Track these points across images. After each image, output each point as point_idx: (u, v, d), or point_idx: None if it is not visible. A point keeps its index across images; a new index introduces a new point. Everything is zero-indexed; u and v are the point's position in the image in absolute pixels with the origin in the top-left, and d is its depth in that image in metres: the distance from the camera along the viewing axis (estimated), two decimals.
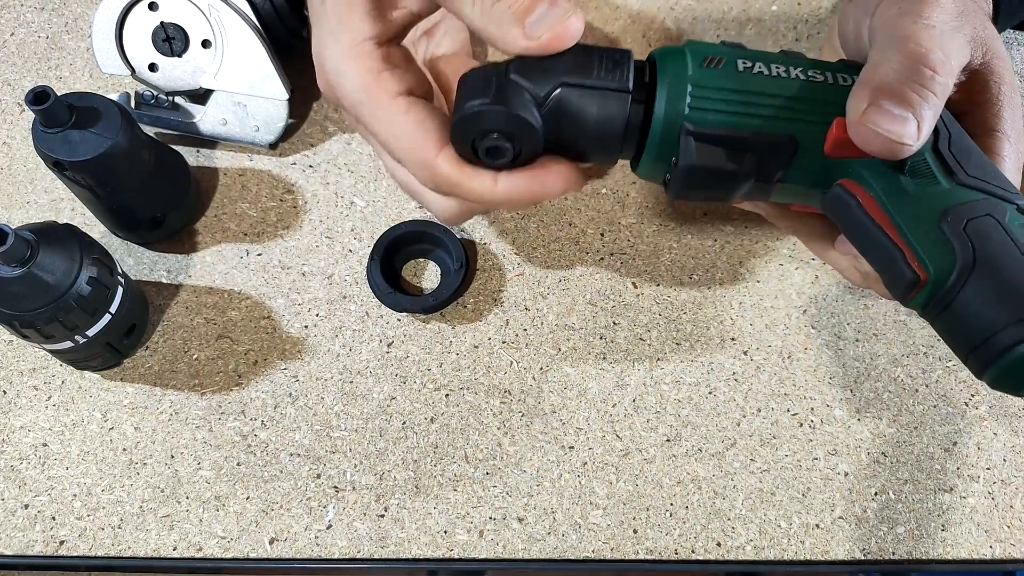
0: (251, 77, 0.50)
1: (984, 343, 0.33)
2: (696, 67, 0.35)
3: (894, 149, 0.33)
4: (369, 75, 0.35)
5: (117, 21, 0.48)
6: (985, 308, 0.33)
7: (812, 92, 0.36)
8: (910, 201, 0.35)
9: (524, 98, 0.35)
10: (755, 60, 0.36)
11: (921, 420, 0.47)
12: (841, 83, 0.36)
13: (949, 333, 0.35)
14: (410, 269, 0.51)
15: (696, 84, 0.35)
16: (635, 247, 0.51)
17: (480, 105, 0.34)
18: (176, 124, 0.52)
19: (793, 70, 0.36)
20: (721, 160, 0.36)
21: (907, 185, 0.35)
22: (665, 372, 0.47)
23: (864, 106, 0.33)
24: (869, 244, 0.37)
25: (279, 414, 0.46)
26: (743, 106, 0.35)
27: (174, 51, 0.49)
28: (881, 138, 0.33)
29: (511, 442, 0.46)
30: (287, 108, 0.51)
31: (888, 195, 0.35)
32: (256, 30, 0.49)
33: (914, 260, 0.35)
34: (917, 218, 0.35)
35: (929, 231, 0.34)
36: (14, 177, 0.53)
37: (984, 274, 0.33)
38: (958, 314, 0.34)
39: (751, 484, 0.45)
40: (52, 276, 0.40)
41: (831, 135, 0.35)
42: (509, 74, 0.35)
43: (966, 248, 0.33)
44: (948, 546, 0.44)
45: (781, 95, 0.35)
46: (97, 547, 0.43)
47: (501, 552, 0.43)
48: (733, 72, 0.35)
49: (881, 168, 0.35)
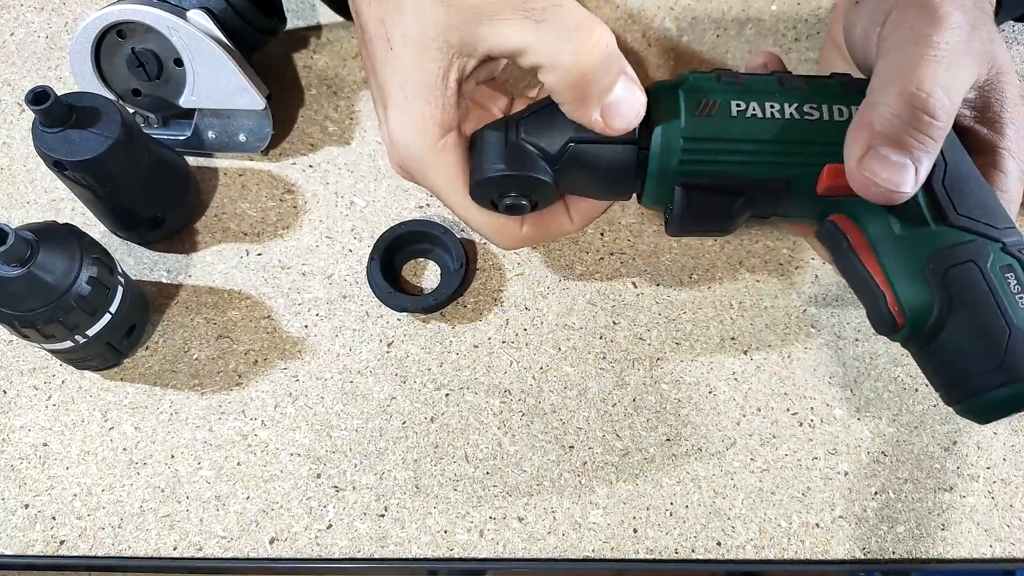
0: (224, 91, 0.50)
1: (955, 384, 0.35)
2: (689, 116, 0.35)
3: (891, 197, 0.33)
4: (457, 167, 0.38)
5: (92, 53, 0.48)
6: (958, 355, 0.34)
7: (806, 134, 0.35)
8: (897, 243, 0.35)
9: (537, 159, 0.36)
10: (749, 100, 0.36)
11: (921, 419, 0.47)
12: (837, 118, 0.35)
13: (925, 368, 0.37)
14: (410, 269, 0.51)
15: (688, 137, 0.35)
16: (635, 247, 0.51)
17: (496, 171, 0.36)
18: (171, 141, 0.52)
19: (788, 107, 0.36)
20: (713, 206, 0.37)
21: (895, 226, 0.36)
22: (665, 372, 0.47)
23: (861, 153, 0.33)
24: (856, 281, 0.38)
25: (279, 414, 0.46)
26: (736, 155, 0.36)
27: (150, 75, 0.49)
28: (878, 187, 0.33)
29: (511, 442, 0.46)
30: (268, 115, 0.51)
31: (876, 235, 0.36)
32: (220, 44, 0.48)
33: (894, 304, 0.36)
34: (902, 261, 0.35)
35: (912, 276, 0.35)
36: (14, 177, 0.53)
37: (958, 324, 0.34)
38: (933, 356, 0.35)
39: (751, 483, 0.45)
40: (52, 276, 0.40)
41: (822, 181, 0.36)
42: (520, 135, 0.36)
43: (944, 297, 0.34)
44: (948, 545, 0.44)
45: (775, 139, 0.35)
46: (97, 547, 0.43)
47: (501, 551, 0.43)
48: (726, 119, 0.35)
49: (872, 208, 0.36)
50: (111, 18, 0.47)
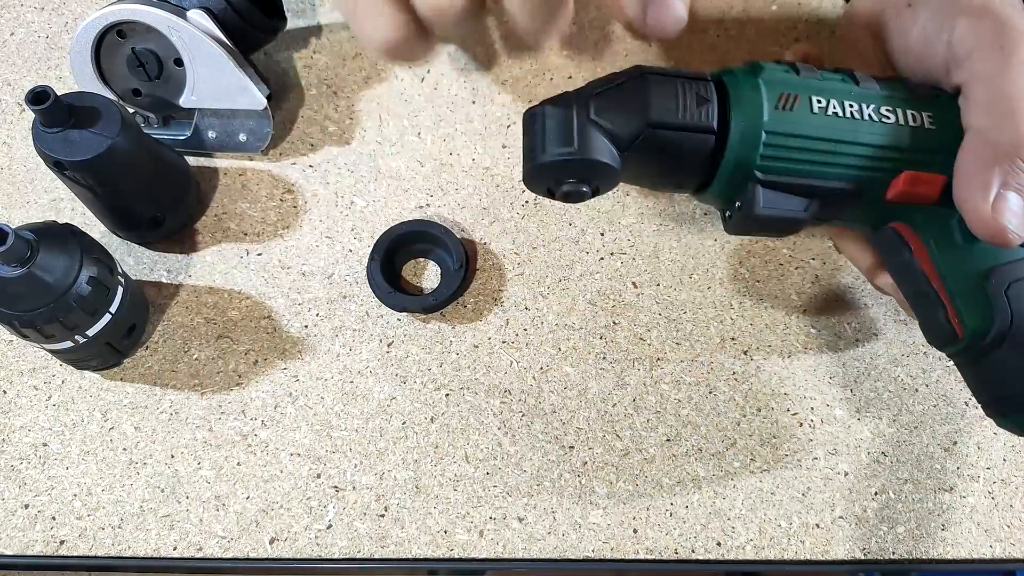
0: (225, 91, 0.49)
1: (1007, 399, 0.34)
2: (771, 109, 0.33)
3: (1011, 240, 0.32)
4: None
5: (92, 53, 0.48)
6: (1011, 373, 0.34)
7: (884, 138, 0.34)
8: (959, 254, 0.34)
9: (606, 142, 0.33)
10: (829, 97, 0.34)
11: (921, 420, 0.47)
12: (911, 123, 0.34)
13: (973, 380, 0.36)
14: (410, 269, 0.51)
15: (770, 131, 0.33)
16: (635, 247, 0.51)
17: (561, 154, 0.32)
18: (171, 141, 0.52)
19: (866, 108, 0.34)
20: (786, 207, 0.35)
21: (957, 237, 0.34)
22: (665, 372, 0.47)
23: (992, 197, 0.32)
24: (914, 290, 0.36)
25: (279, 414, 0.46)
26: (816, 155, 0.34)
27: (150, 75, 0.49)
28: (1009, 233, 0.32)
29: (511, 442, 0.46)
30: (268, 115, 0.51)
31: (939, 246, 0.35)
32: (221, 43, 0.48)
33: (954, 317, 0.35)
34: (963, 273, 0.34)
35: (973, 289, 0.34)
36: (14, 177, 0.53)
37: (1017, 340, 0.33)
38: (986, 370, 0.35)
39: (751, 484, 0.45)
40: (52, 276, 0.40)
41: (896, 187, 0.34)
42: (590, 115, 0.33)
43: (1005, 312, 0.33)
44: (948, 546, 0.44)
45: (855, 142, 0.34)
46: (97, 547, 0.43)
47: (501, 552, 0.43)
48: (807, 115, 0.34)
49: (936, 217, 0.35)
50: (111, 18, 0.47)
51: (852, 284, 0.50)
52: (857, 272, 0.50)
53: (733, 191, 0.35)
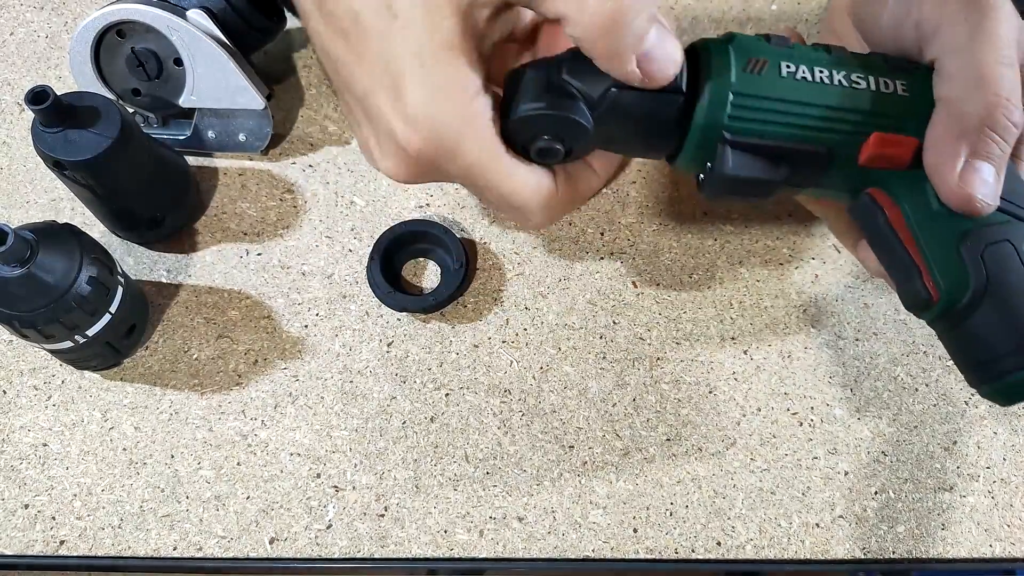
0: (225, 91, 0.50)
1: (985, 363, 0.35)
2: (739, 72, 0.34)
3: (985, 209, 0.33)
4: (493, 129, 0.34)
5: (92, 53, 0.48)
6: (990, 334, 0.34)
7: (853, 101, 0.35)
8: (934, 219, 0.35)
9: (578, 101, 0.34)
10: (798, 63, 0.35)
11: (921, 419, 0.47)
12: (883, 90, 0.35)
13: (952, 347, 0.36)
14: (410, 268, 0.51)
15: (738, 92, 0.34)
16: (635, 246, 0.51)
17: (534, 110, 0.34)
18: (171, 141, 0.52)
19: (836, 74, 0.35)
20: (756, 169, 0.35)
21: (932, 202, 0.35)
22: (665, 371, 0.47)
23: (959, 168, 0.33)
24: (889, 256, 0.37)
25: (279, 414, 0.46)
26: (783, 116, 0.35)
27: (149, 75, 0.49)
28: (977, 202, 0.33)
29: (511, 441, 0.46)
30: (268, 115, 0.51)
31: (914, 210, 0.35)
32: (221, 43, 0.48)
33: (929, 280, 0.35)
34: (938, 237, 0.35)
35: (948, 253, 0.35)
36: (14, 177, 0.53)
37: (993, 302, 0.34)
38: (964, 334, 0.35)
39: (751, 483, 0.45)
40: (52, 276, 0.40)
41: (867, 149, 0.35)
42: (562, 75, 0.34)
43: (980, 275, 0.34)
44: (948, 545, 0.44)
45: (822, 104, 0.35)
46: (97, 547, 0.43)
47: (501, 551, 0.43)
48: (776, 78, 0.34)
49: (910, 181, 0.35)
50: (111, 18, 0.47)
51: (852, 284, 0.50)
52: (857, 272, 0.50)
53: (704, 154, 0.36)
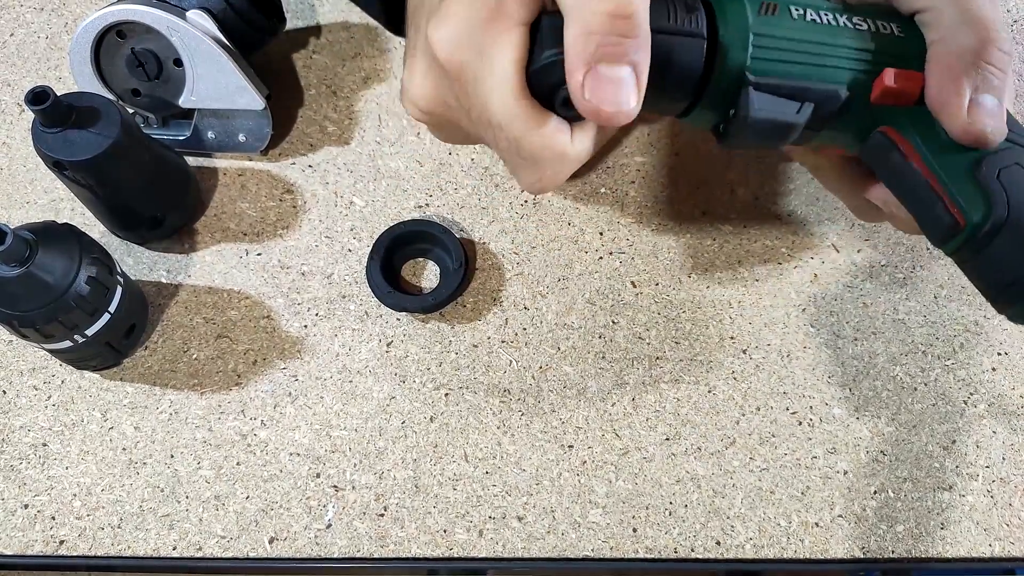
0: (224, 91, 0.50)
1: (1011, 285, 0.35)
2: (755, 14, 0.35)
3: (992, 141, 0.34)
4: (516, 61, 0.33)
5: (91, 53, 0.48)
6: (1016, 253, 0.35)
7: (861, 41, 0.36)
8: (945, 149, 0.36)
9: None
10: (805, 7, 0.36)
11: (920, 418, 0.47)
12: (882, 31, 0.36)
13: (978, 274, 0.37)
14: (409, 269, 0.51)
15: (757, 33, 0.35)
16: (634, 246, 0.51)
17: (556, 55, 0.33)
18: (171, 141, 0.52)
19: (840, 18, 0.36)
20: (780, 111, 0.36)
21: (942, 134, 0.36)
22: (664, 371, 0.47)
23: (966, 103, 0.34)
24: (909, 190, 0.38)
25: (279, 414, 0.46)
26: (802, 56, 0.35)
27: (149, 76, 0.49)
28: (987, 135, 0.34)
29: (511, 441, 0.46)
30: (268, 115, 0.51)
31: (927, 143, 0.36)
32: (220, 44, 0.48)
33: (953, 206, 0.36)
34: (954, 166, 0.36)
35: (966, 179, 0.35)
36: (14, 177, 0.53)
37: (1014, 224, 0.34)
38: (991, 258, 0.36)
39: (750, 483, 0.45)
40: (51, 276, 0.40)
41: (879, 85, 0.36)
42: None
43: (1001, 197, 0.35)
44: (947, 544, 0.44)
45: (835, 44, 0.36)
46: (97, 547, 0.43)
47: (501, 551, 0.43)
48: (788, 20, 0.35)
49: (920, 116, 0.36)
50: (111, 18, 0.47)
51: (851, 284, 0.50)
52: (857, 272, 0.50)
53: (728, 99, 0.36)
